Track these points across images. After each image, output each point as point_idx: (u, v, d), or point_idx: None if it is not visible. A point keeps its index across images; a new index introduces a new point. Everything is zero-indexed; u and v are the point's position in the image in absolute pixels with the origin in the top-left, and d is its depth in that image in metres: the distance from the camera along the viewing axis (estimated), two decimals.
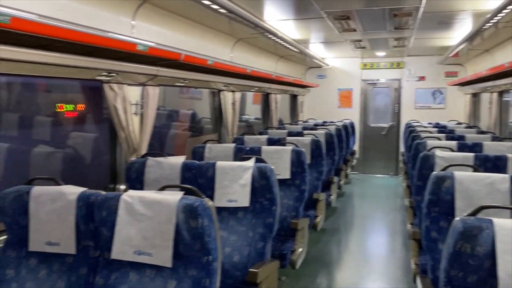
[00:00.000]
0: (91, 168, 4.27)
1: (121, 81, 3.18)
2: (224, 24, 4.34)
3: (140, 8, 3.22)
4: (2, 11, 1.80)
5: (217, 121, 5.77)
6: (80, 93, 4.53)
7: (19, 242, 2.17)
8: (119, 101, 3.20)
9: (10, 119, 4.19)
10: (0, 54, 2.08)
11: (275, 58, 7.14)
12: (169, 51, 3.10)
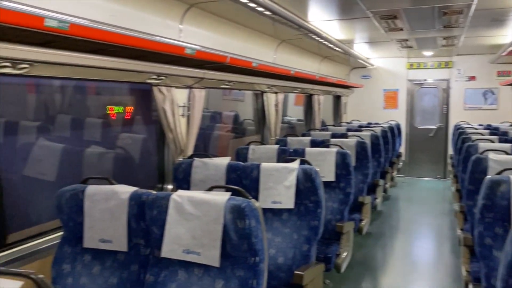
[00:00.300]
0: (139, 168, 4.41)
1: (170, 84, 3.27)
2: (268, 26, 4.36)
3: (188, 12, 3.29)
4: (62, 18, 1.89)
5: (260, 122, 5.79)
6: (128, 95, 4.69)
7: (75, 239, 2.28)
8: (168, 103, 3.28)
9: (64, 120, 4.40)
10: (60, 59, 2.19)
11: (319, 59, 7.09)
12: (215, 54, 3.15)
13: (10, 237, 3.08)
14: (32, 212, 3.45)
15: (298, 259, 2.81)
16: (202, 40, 3.51)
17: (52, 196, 3.53)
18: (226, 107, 7.59)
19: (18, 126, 3.82)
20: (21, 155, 3.64)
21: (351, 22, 4.94)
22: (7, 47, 1.92)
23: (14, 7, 1.71)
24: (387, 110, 9.24)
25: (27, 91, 4.03)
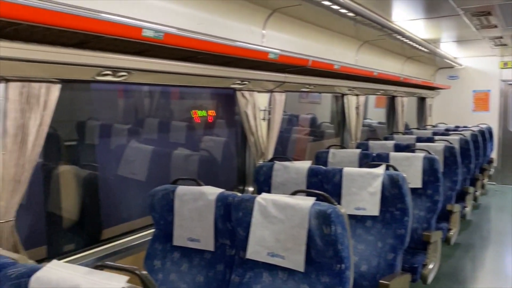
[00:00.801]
0: (220, 169, 4.54)
1: (252, 89, 3.33)
2: (350, 27, 4.27)
3: (271, 17, 3.33)
4: (158, 28, 2.01)
5: (340, 125, 5.69)
6: (209, 100, 4.85)
7: (165, 236, 2.40)
8: (250, 107, 3.35)
9: (152, 123, 4.67)
10: (155, 67, 2.33)
11: (402, 60, 6.81)
12: (297, 57, 3.16)
13: (104, 232, 3.33)
14: (124, 210, 3.70)
15: (382, 268, 2.71)
16: (283, 44, 3.53)
17: (142, 195, 3.77)
18: (303, 109, 7.56)
19: (111, 128, 4.11)
20: (115, 156, 3.92)
21: (438, 20, 4.68)
22: (109, 57, 2.08)
23: (116, 19, 1.85)
24: (476, 113, 8.61)
25: (119, 96, 4.33)
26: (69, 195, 3.30)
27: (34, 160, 1.98)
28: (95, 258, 2.52)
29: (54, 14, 1.63)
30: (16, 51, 1.78)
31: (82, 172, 3.38)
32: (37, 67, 1.92)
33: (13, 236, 1.93)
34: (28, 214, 2.86)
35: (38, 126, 1.98)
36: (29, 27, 1.69)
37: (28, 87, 1.94)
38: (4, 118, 1.89)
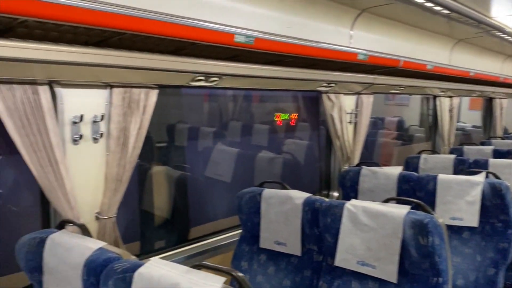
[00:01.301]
0: (303, 173, 4.51)
1: (338, 91, 3.26)
2: (443, 25, 4.00)
3: (359, 18, 3.24)
4: (249, 33, 2.04)
5: (431, 129, 5.38)
6: (291, 102, 4.84)
7: (252, 238, 2.43)
8: (336, 110, 3.28)
9: (235, 126, 4.77)
10: (245, 72, 2.37)
11: (501, 58, 6.25)
12: (387, 58, 3.03)
13: (191, 231, 3.46)
14: (211, 210, 3.82)
15: (481, 284, 2.50)
16: (371, 45, 3.41)
17: (227, 196, 3.86)
18: (389, 112, 7.27)
19: (198, 131, 4.27)
20: (202, 158, 4.07)
21: None
22: (203, 63, 2.15)
23: (210, 26, 1.91)
24: None
25: (204, 100, 4.49)
26: (161, 194, 3.48)
27: (134, 161, 2.11)
28: (185, 256, 2.63)
29: (155, 23, 1.72)
30: (119, 59, 1.90)
31: (173, 172, 3.55)
32: (138, 74, 2.04)
33: (115, 231, 2.07)
34: (125, 211, 3.06)
35: (138, 129, 2.11)
36: (132, 36, 1.80)
37: (130, 92, 2.08)
38: (109, 122, 2.04)
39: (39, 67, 1.72)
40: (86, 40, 1.81)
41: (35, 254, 1.61)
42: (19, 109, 1.73)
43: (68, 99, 1.90)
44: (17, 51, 1.59)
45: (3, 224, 2.37)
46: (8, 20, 1.46)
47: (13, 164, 2.68)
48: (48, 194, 1.84)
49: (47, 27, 1.60)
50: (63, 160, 1.85)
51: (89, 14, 1.54)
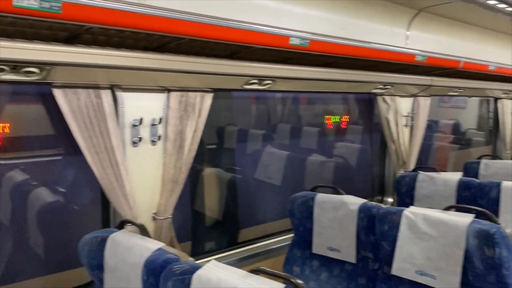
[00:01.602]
0: (354, 177, 4.40)
1: (394, 93, 3.16)
2: (506, 23, 3.79)
3: (416, 18, 3.12)
4: (304, 36, 2.02)
5: (491, 133, 5.10)
6: (341, 105, 4.75)
7: (304, 243, 2.39)
8: (391, 113, 3.18)
9: (284, 129, 4.74)
10: (298, 74, 2.35)
11: None
12: (447, 59, 2.91)
13: (241, 233, 3.47)
14: (260, 212, 3.82)
15: None
16: (428, 45, 3.28)
17: (277, 199, 3.85)
18: (444, 115, 6.96)
19: (248, 134, 4.28)
20: (252, 160, 4.08)
21: None
22: (257, 66, 2.16)
23: (266, 29, 1.90)
24: None
25: (252, 103, 4.50)
26: (211, 196, 3.53)
27: (189, 163, 2.15)
28: (237, 259, 2.64)
29: (213, 27, 1.74)
30: (177, 64, 1.94)
31: (223, 174, 3.58)
32: (194, 78, 2.08)
33: (170, 232, 2.12)
34: (177, 211, 3.12)
35: (193, 132, 2.14)
36: (190, 41, 1.83)
37: (186, 96, 2.11)
38: (166, 125, 2.08)
39: (101, 72, 1.79)
40: (146, 46, 1.86)
41: (97, 252, 1.67)
42: (83, 112, 1.80)
43: (128, 103, 1.96)
44: (82, 56, 1.65)
45: (66, 222, 2.49)
46: (75, 27, 1.52)
47: (75, 165, 2.81)
48: (108, 194, 1.90)
49: (110, 33, 1.66)
50: (123, 162, 1.91)
51: (150, 20, 1.58)
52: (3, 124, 2.71)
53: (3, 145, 2.82)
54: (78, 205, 2.67)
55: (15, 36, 1.53)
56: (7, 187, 2.62)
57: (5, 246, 2.51)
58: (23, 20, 1.43)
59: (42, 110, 3.11)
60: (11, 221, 2.55)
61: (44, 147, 3.10)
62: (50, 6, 1.31)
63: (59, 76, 1.67)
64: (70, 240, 2.42)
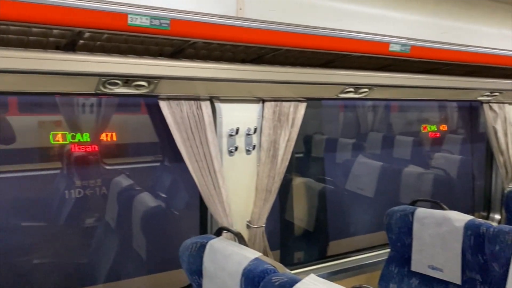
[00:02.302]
0: (455, 191, 4.10)
1: (502, 101, 2.89)
2: None
3: None
4: (405, 42, 1.93)
5: None
6: (435, 112, 4.46)
7: (402, 260, 2.27)
8: (499, 122, 2.92)
9: (375, 138, 4.57)
10: (397, 82, 2.25)
11: None
12: None
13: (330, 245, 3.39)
14: (351, 224, 3.70)
15: None
16: None
17: (369, 211, 3.71)
18: None
19: (337, 142, 4.19)
20: (341, 170, 3.98)
21: None
22: (353, 74, 2.11)
23: (364, 37, 1.85)
24: None
25: (340, 110, 4.39)
26: (300, 205, 3.50)
27: (282, 172, 2.15)
28: (328, 273, 2.58)
29: (309, 37, 1.74)
30: (272, 74, 1.97)
31: (313, 184, 3.54)
32: (288, 88, 2.08)
33: (264, 241, 2.13)
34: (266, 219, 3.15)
35: (286, 141, 2.15)
36: (286, 52, 1.84)
37: (280, 106, 2.13)
38: (260, 134, 2.11)
39: (202, 84, 1.87)
40: (244, 58, 1.91)
41: (196, 257, 1.73)
42: (185, 123, 1.89)
43: (225, 113, 2.03)
44: (185, 70, 1.74)
45: (166, 226, 2.63)
46: (181, 42, 1.61)
47: (174, 172, 2.97)
48: (206, 201, 1.97)
49: (211, 48, 1.73)
50: (220, 170, 1.98)
51: (249, 32, 1.62)
52: (110, 132, 2.96)
53: (110, 152, 3.08)
54: (177, 210, 2.81)
55: (127, 52, 1.65)
56: (114, 191, 2.84)
57: (111, 246, 2.72)
58: (135, 38, 1.55)
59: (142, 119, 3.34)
60: (117, 223, 2.76)
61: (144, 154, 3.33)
62: (160, 23, 1.40)
63: (164, 88, 1.78)
64: (169, 243, 2.55)
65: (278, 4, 1.77)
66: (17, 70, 1.43)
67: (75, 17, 1.25)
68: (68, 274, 2.66)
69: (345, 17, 1.92)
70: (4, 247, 2.54)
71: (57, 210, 2.88)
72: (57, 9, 1.21)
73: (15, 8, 1.16)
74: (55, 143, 2.71)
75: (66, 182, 2.93)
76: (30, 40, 1.45)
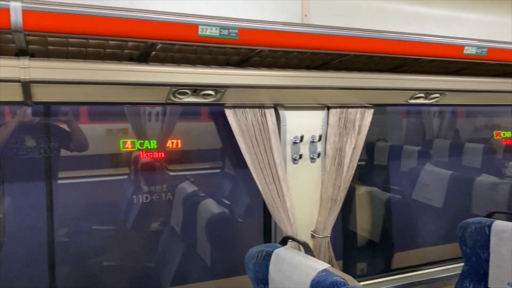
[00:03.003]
0: None
1: None
2: None
3: None
4: (480, 44, 1.82)
5: None
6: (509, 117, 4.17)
7: (477, 275, 2.12)
8: None
9: (441, 145, 4.35)
10: (473, 87, 2.13)
11: None
12: None
13: (395, 256, 3.26)
14: (418, 235, 3.54)
15: None
16: None
17: (438, 222, 3.53)
18: None
19: (401, 150, 4.04)
20: (407, 178, 3.83)
21: None
22: (424, 79, 2.02)
23: (437, 40, 1.76)
24: None
25: (403, 116, 4.23)
26: (363, 214, 3.40)
27: (348, 181, 2.10)
28: (395, 286, 2.47)
29: (379, 41, 1.68)
30: (337, 80, 1.93)
31: (376, 192, 3.43)
32: (354, 94, 2.03)
33: (329, 251, 2.09)
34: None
35: (352, 149, 2.09)
36: (353, 57, 1.80)
37: (346, 113, 2.08)
38: (325, 142, 2.08)
39: (266, 92, 1.87)
40: (309, 64, 1.89)
41: (262, 266, 1.72)
42: (250, 131, 1.90)
43: (289, 121, 2.01)
44: (251, 78, 1.75)
45: (230, 232, 2.66)
46: (247, 51, 1.62)
47: (236, 179, 3.00)
48: (271, 209, 1.97)
49: (277, 55, 1.72)
50: (284, 178, 1.96)
51: (315, 39, 1.60)
52: (175, 140, 3.06)
53: (173, 158, 3.18)
54: (240, 217, 2.84)
55: (195, 62, 1.69)
56: (179, 197, 2.92)
57: (176, 250, 2.79)
58: (204, 48, 1.58)
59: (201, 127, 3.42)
60: (182, 227, 2.83)
61: (204, 161, 3.40)
62: (229, 33, 1.41)
63: (230, 97, 1.80)
64: (233, 249, 2.58)
65: (344, 9, 1.74)
66: (94, 81, 1.51)
67: (149, 30, 1.29)
68: (136, 277, 2.77)
69: (415, 20, 1.84)
70: (77, 248, 2.69)
71: (125, 214, 3.01)
72: (133, 22, 1.26)
73: (95, 22, 1.23)
74: (124, 150, 2.84)
75: (134, 188, 3.06)
76: (107, 53, 1.53)
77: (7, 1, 1.17)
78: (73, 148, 2.64)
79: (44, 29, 1.22)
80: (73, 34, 1.26)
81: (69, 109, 2.59)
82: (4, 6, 1.16)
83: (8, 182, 2.48)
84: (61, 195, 2.60)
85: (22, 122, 2.48)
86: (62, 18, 1.20)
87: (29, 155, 2.49)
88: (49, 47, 1.45)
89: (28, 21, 1.18)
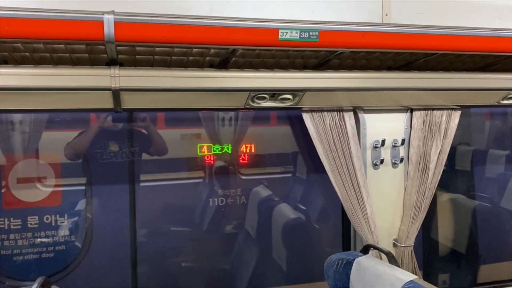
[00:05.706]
0: None
1: None
2: None
3: None
4: None
5: None
6: None
7: None
8: None
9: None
10: None
11: None
12: None
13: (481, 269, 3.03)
14: (505, 247, 3.27)
15: None
16: None
17: None
18: None
19: (486, 154, 3.76)
20: (493, 185, 3.55)
21: None
22: None
23: None
24: None
25: (485, 118, 3.92)
26: (447, 223, 3.21)
27: (434, 187, 1.97)
28: None
29: (467, 39, 1.57)
30: (421, 81, 1.82)
31: (461, 200, 3.23)
32: (439, 95, 1.91)
33: (413, 261, 1.97)
34: None
35: (438, 154, 1.97)
36: (440, 57, 1.69)
37: (430, 115, 1.96)
38: (408, 146, 1.97)
39: (345, 94, 1.81)
40: (391, 65, 1.81)
41: (342, 274, 1.66)
42: (328, 134, 1.86)
43: (369, 124, 1.94)
44: (329, 81, 1.71)
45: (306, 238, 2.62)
46: (327, 53, 1.59)
47: (311, 183, 2.96)
48: (350, 216, 1.90)
49: (358, 57, 1.67)
50: (364, 184, 1.89)
51: (399, 38, 1.52)
52: (249, 144, 3.08)
53: (245, 162, 3.20)
54: (316, 223, 2.78)
55: (273, 67, 1.69)
56: (253, 201, 2.94)
57: (251, 254, 2.81)
58: (282, 52, 1.57)
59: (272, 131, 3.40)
60: (257, 231, 2.84)
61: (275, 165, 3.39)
62: (309, 36, 1.39)
63: (308, 101, 1.77)
64: (309, 255, 2.54)
65: (427, 6, 1.65)
66: (178, 88, 1.55)
67: (231, 36, 1.31)
68: (212, 278, 2.82)
69: (509, 14, 1.70)
70: (157, 248, 2.80)
71: (200, 216, 3.09)
72: (216, 29, 1.28)
73: (181, 31, 1.26)
74: (201, 154, 2.91)
75: (208, 191, 3.13)
76: (189, 60, 1.57)
77: (100, 14, 1.24)
78: (153, 152, 2.75)
79: (134, 39, 1.27)
80: (160, 43, 1.30)
81: (146, 115, 2.70)
82: (98, 19, 1.23)
83: (94, 184, 2.64)
84: (142, 197, 2.72)
85: (106, 128, 2.61)
86: (150, 28, 1.25)
87: (112, 159, 2.63)
88: (136, 57, 1.52)
89: (120, 32, 1.25)
